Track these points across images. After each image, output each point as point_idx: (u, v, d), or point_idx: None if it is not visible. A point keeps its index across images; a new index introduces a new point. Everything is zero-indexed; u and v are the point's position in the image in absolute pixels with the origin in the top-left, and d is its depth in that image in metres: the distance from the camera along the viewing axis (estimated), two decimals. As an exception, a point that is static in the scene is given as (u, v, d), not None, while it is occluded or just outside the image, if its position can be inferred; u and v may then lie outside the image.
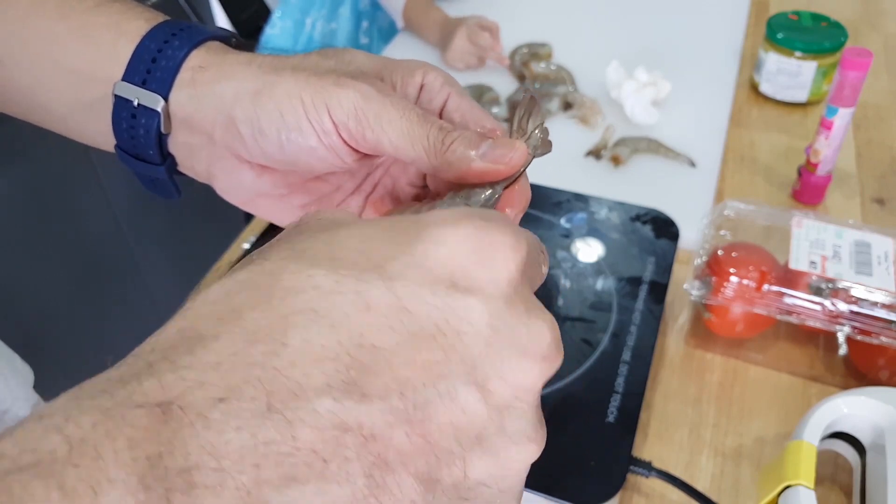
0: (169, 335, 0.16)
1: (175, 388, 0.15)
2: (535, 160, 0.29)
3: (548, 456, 0.52)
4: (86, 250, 1.22)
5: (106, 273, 1.28)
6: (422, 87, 0.31)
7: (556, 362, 0.19)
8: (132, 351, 0.17)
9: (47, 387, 0.70)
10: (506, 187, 0.28)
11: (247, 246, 0.66)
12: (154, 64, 0.30)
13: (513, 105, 0.90)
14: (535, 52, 1.00)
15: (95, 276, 1.26)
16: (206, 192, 0.33)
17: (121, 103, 0.31)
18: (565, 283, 0.61)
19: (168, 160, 0.32)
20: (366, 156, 0.30)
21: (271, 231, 0.65)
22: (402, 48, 1.10)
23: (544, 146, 0.30)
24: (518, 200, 0.28)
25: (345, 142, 0.28)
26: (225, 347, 0.16)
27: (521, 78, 0.98)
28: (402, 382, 0.17)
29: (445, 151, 0.27)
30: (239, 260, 0.66)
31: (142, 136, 0.31)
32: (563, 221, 0.66)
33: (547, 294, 0.60)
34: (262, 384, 0.15)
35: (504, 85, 0.96)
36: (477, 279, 0.18)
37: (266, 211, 0.32)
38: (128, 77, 0.30)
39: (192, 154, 0.31)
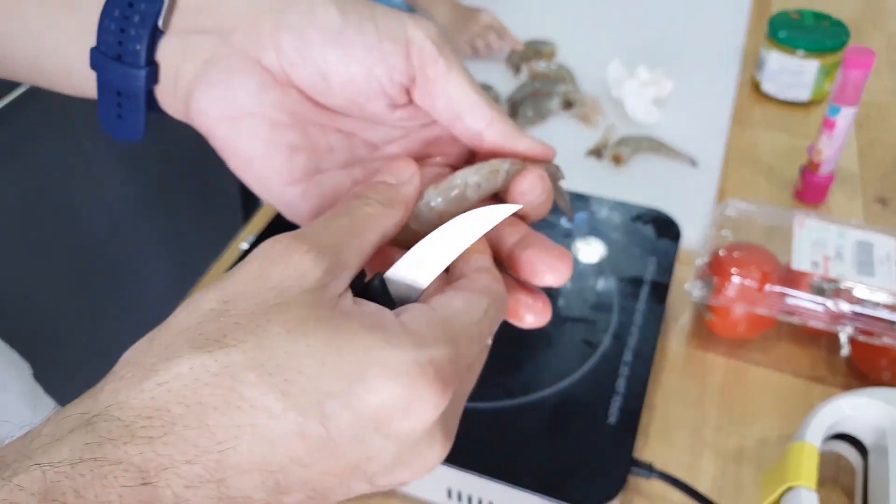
0: (144, 400, 0.19)
1: (154, 468, 0.19)
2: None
3: (548, 457, 0.51)
4: (83, 249, 1.22)
5: (103, 272, 1.28)
6: None
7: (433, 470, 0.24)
8: (103, 397, 0.20)
9: (44, 382, 0.71)
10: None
11: (245, 246, 0.66)
12: None
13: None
14: (538, 49, 1.00)
15: (93, 275, 1.26)
16: (205, 191, 0.32)
17: None
18: (566, 283, 0.60)
19: (151, 67, 0.28)
20: (407, 108, 0.29)
21: (269, 232, 0.65)
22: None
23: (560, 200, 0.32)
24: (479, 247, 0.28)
25: (408, 56, 0.27)
26: (194, 441, 0.19)
27: (516, 70, 0.98)
28: (317, 486, 0.21)
29: (507, 119, 0.28)
30: (237, 261, 0.66)
31: (134, 24, 0.27)
32: (563, 221, 0.66)
33: (548, 295, 0.59)
34: (218, 486, 0.19)
35: (504, 83, 0.95)
36: (398, 429, 0.21)
37: (247, 138, 0.28)
38: None
39: (188, 53, 0.28)
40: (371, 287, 0.25)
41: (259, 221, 0.73)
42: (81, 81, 0.30)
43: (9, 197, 1.05)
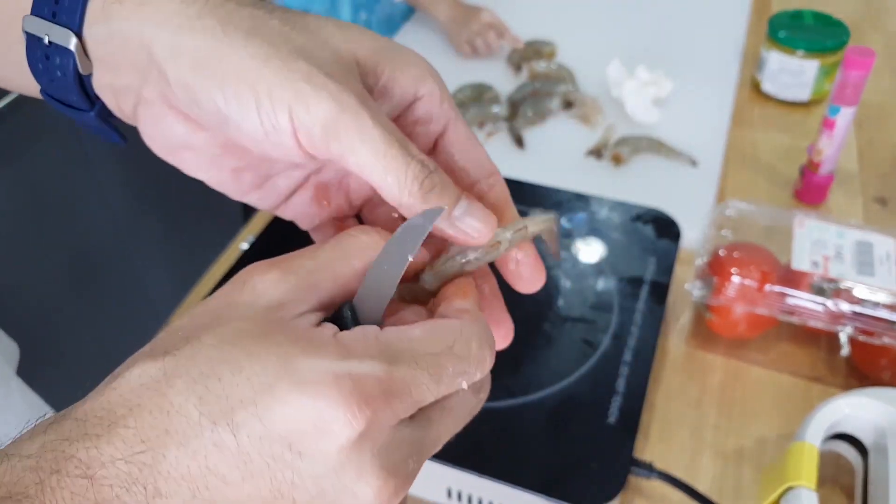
0: (100, 402, 0.20)
1: (97, 464, 0.20)
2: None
3: (548, 457, 0.51)
4: (83, 249, 1.23)
5: (103, 271, 1.28)
6: (417, 99, 0.27)
7: None
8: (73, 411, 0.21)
9: (42, 381, 0.70)
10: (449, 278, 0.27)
11: (245, 246, 0.66)
12: None
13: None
14: (538, 49, 1.00)
15: (93, 274, 1.26)
16: (205, 191, 0.32)
17: (33, 42, 0.27)
18: (566, 283, 0.60)
19: (97, 104, 0.28)
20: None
21: (270, 232, 0.65)
22: (407, 42, 1.10)
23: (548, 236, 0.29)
24: (462, 291, 0.26)
25: (299, 144, 0.25)
26: (130, 442, 0.20)
27: (517, 70, 0.98)
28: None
29: (425, 194, 0.25)
30: (237, 261, 0.66)
31: (60, 77, 0.27)
32: (563, 221, 0.66)
33: (547, 295, 0.60)
34: (145, 487, 0.20)
35: (504, 83, 0.95)
36: (311, 448, 0.20)
37: (192, 166, 0.28)
38: (36, 9, 0.26)
39: (117, 96, 0.27)
40: (342, 314, 0.24)
41: (259, 221, 0.73)
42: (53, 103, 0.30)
43: (9, 196, 1.05)
